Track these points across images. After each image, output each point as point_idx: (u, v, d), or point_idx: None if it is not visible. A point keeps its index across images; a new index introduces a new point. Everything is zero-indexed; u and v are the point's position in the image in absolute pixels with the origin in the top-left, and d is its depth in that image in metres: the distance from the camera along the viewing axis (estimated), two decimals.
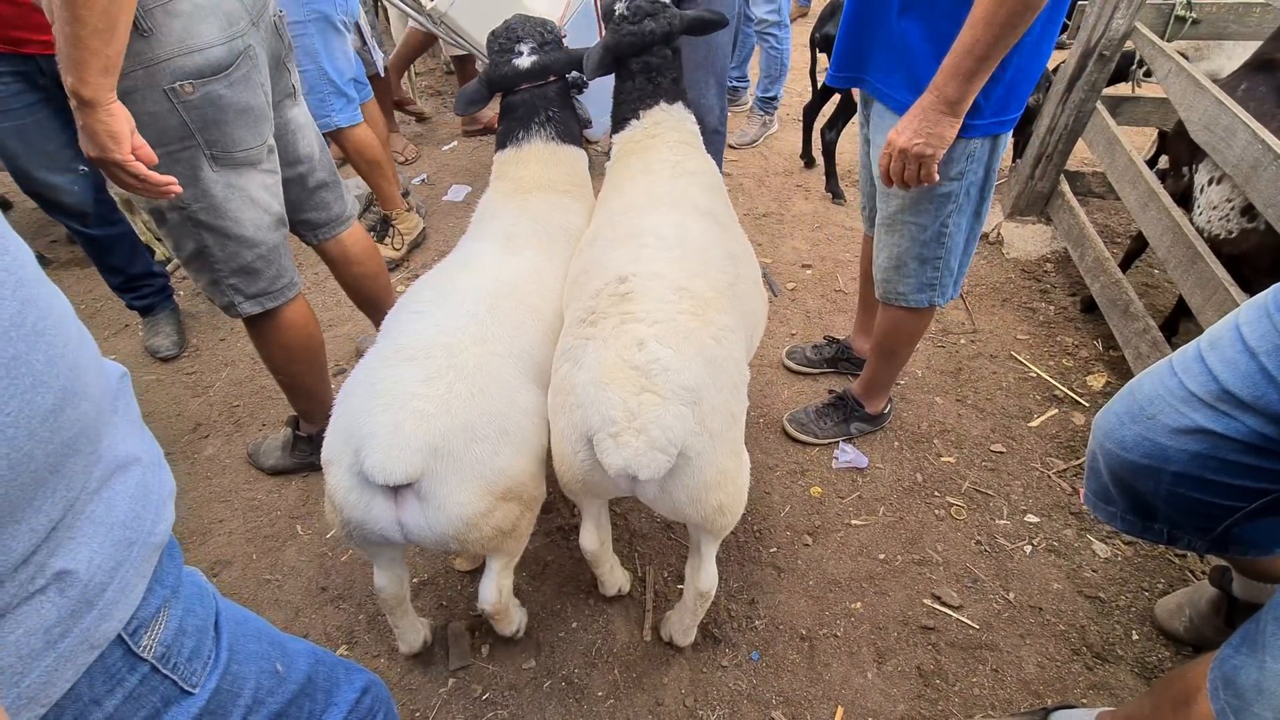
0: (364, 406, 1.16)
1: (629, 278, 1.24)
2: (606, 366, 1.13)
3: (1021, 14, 1.15)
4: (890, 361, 1.92)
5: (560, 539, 1.82)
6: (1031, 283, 2.72)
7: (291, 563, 1.81)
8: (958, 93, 1.26)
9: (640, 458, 1.08)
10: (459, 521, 1.17)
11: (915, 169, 1.38)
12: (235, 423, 2.23)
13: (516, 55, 1.62)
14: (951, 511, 1.87)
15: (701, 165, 1.62)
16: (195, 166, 1.42)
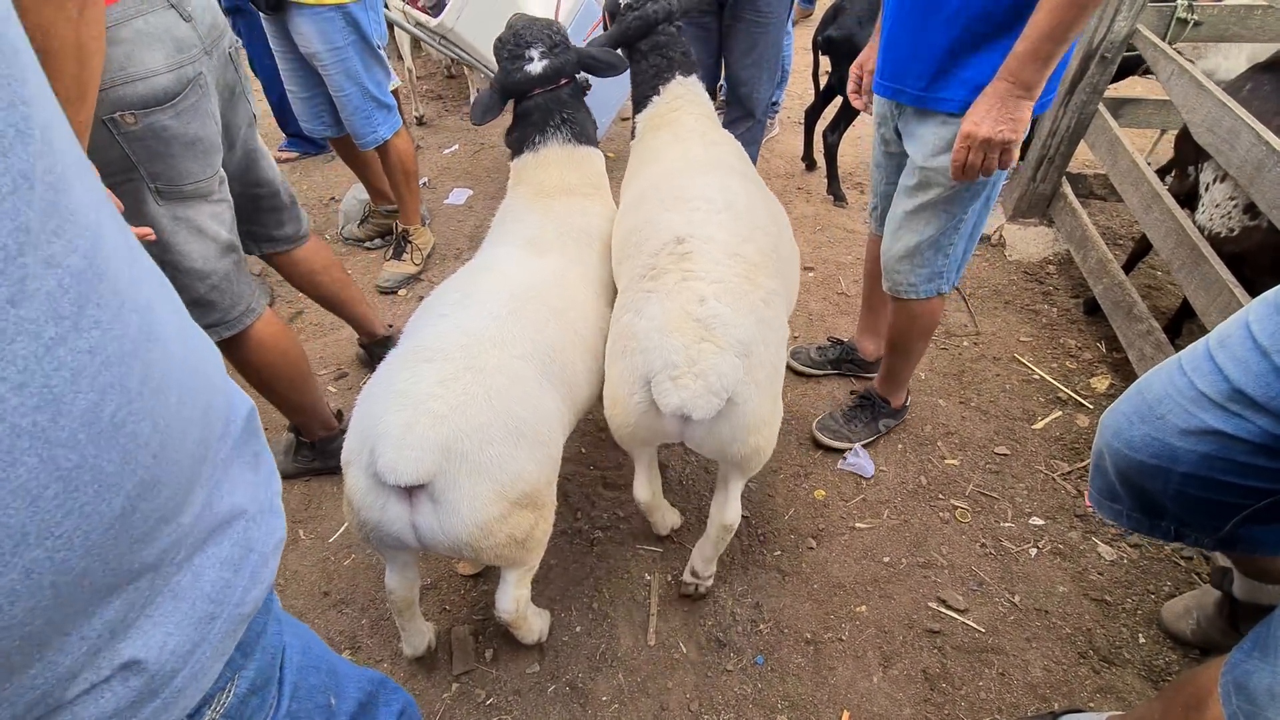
0: (380, 407, 1.16)
1: (686, 239, 1.36)
2: (670, 316, 1.25)
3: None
4: (907, 356, 1.94)
5: (565, 542, 1.82)
6: (1034, 285, 2.72)
7: (294, 567, 1.80)
8: (1035, 76, 1.27)
9: (697, 399, 1.20)
10: (473, 526, 1.16)
11: (996, 156, 1.38)
12: None
13: (528, 61, 1.62)
14: (956, 514, 1.86)
15: (723, 135, 1.74)
16: (139, 200, 1.35)
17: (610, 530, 1.85)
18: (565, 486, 1.97)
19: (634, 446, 1.47)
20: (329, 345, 2.55)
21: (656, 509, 1.66)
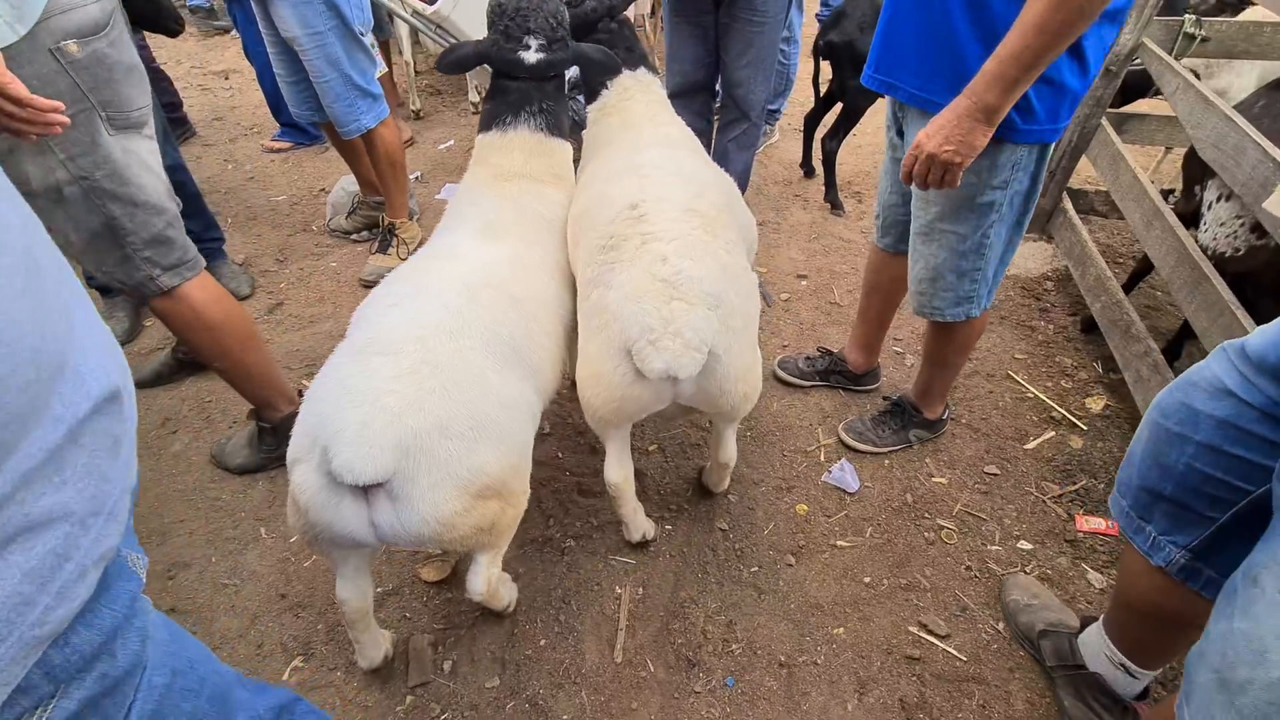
0: (332, 403, 1.11)
1: (639, 203, 1.38)
2: (637, 281, 1.27)
3: (1075, 22, 1.09)
4: (944, 370, 1.88)
5: (534, 550, 1.75)
6: (1031, 301, 2.66)
7: (252, 567, 1.73)
8: (997, 100, 1.20)
9: (679, 359, 1.23)
10: (434, 522, 1.13)
11: (939, 175, 1.32)
12: (205, 419, 2.16)
13: (524, 48, 1.55)
14: (942, 535, 1.79)
15: (672, 119, 1.78)
16: (93, 130, 1.37)
17: (582, 540, 1.78)
18: (539, 491, 1.90)
19: (617, 424, 1.45)
20: (307, 339, 2.49)
21: (628, 498, 1.60)
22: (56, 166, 1.36)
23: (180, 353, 2.27)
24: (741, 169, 2.84)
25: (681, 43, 2.61)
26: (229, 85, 4.83)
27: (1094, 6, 1.08)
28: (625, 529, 1.69)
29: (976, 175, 1.43)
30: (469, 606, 1.63)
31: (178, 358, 2.27)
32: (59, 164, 1.36)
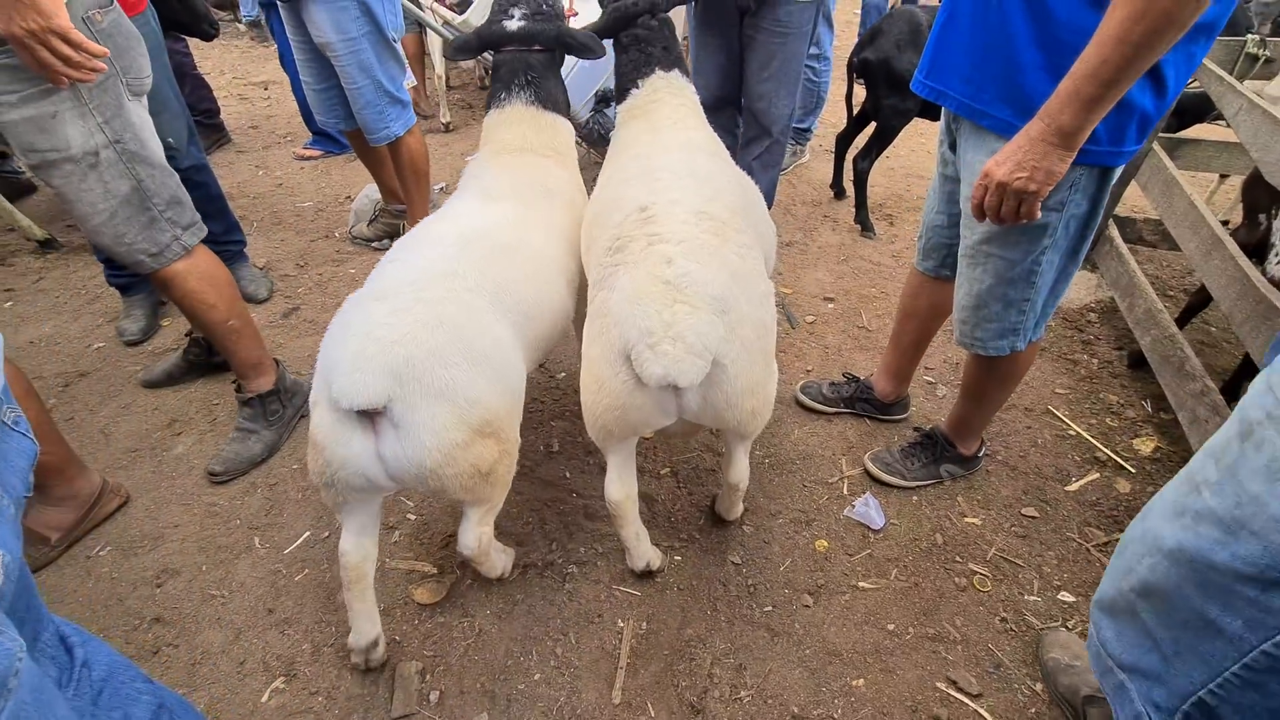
0: (333, 341, 1.21)
1: (649, 205, 1.32)
2: (639, 284, 1.21)
3: (1163, 33, 0.95)
4: (981, 404, 1.75)
5: (534, 575, 1.65)
6: (1073, 332, 2.51)
7: (242, 578, 1.66)
8: (1075, 122, 1.07)
9: (679, 364, 1.14)
10: (436, 451, 1.17)
11: (1014, 205, 1.19)
12: (211, 420, 2.12)
13: (508, 18, 1.70)
14: (974, 581, 1.65)
15: (700, 125, 1.72)
16: (119, 95, 1.49)
17: (586, 566, 1.68)
18: (543, 513, 1.81)
19: (619, 438, 1.38)
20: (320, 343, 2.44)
21: (629, 519, 1.50)
22: (95, 130, 1.46)
23: (191, 355, 2.24)
24: (766, 188, 2.76)
25: (707, 56, 2.56)
26: (267, 95, 4.93)
27: (1184, 15, 0.94)
28: (628, 555, 1.58)
29: None
30: (461, 633, 1.53)
31: (189, 359, 2.25)
32: (97, 127, 1.46)
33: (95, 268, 2.85)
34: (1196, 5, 0.94)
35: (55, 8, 1.24)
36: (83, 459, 1.78)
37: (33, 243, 2.97)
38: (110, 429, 2.09)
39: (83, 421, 2.11)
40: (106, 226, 1.55)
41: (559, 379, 2.28)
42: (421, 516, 1.81)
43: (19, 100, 1.36)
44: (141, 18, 2.04)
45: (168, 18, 2.43)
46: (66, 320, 2.57)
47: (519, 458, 1.93)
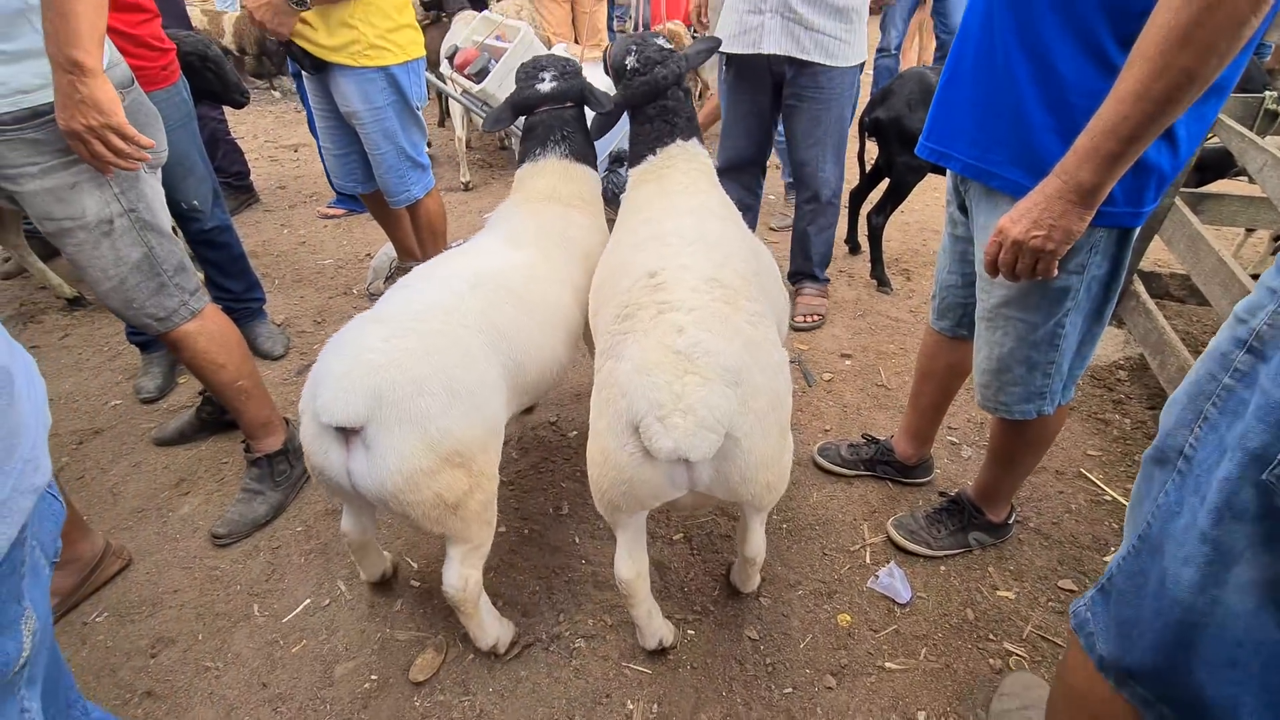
0: (325, 357, 1.27)
1: (659, 271, 1.31)
2: (648, 354, 1.17)
3: (1183, 89, 0.92)
4: (1010, 470, 1.68)
5: (540, 650, 1.57)
6: (1102, 391, 2.42)
7: (238, 649, 1.60)
8: (1093, 179, 1.03)
9: (690, 438, 1.10)
10: (398, 475, 1.20)
11: (1030, 264, 1.15)
12: (219, 480, 2.10)
13: (540, 81, 1.80)
14: (1010, 662, 1.54)
15: (712, 188, 1.70)
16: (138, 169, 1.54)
17: (594, 640, 1.60)
18: (551, 580, 1.74)
19: (627, 512, 1.32)
20: None
21: (641, 598, 1.43)
22: (111, 200, 1.52)
23: (204, 413, 2.24)
24: (823, 249, 2.81)
25: (736, 118, 2.62)
26: (296, 157, 5.13)
27: (1205, 72, 0.91)
28: (639, 634, 1.50)
29: None
30: (461, 713, 1.45)
31: (201, 418, 2.25)
32: (113, 198, 1.52)
33: (119, 325, 2.91)
34: (1218, 62, 0.91)
35: (114, 106, 1.31)
36: (88, 520, 1.76)
37: (62, 300, 3.05)
38: (119, 488, 2.07)
39: (93, 480, 2.10)
40: (116, 291, 1.58)
41: (570, 437, 2.24)
42: (425, 584, 1.75)
43: (40, 172, 1.40)
44: (174, 88, 2.13)
45: (201, 88, 2.55)
46: (87, 377, 2.61)
47: (527, 522, 1.90)
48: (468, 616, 1.43)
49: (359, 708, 1.47)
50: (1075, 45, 1.12)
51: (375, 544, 1.61)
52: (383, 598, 1.71)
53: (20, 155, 1.38)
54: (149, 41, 2.04)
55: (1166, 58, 0.91)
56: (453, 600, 1.40)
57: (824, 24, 2.30)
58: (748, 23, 2.39)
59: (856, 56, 2.40)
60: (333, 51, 2.20)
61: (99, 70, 1.28)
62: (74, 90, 1.27)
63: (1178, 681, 0.78)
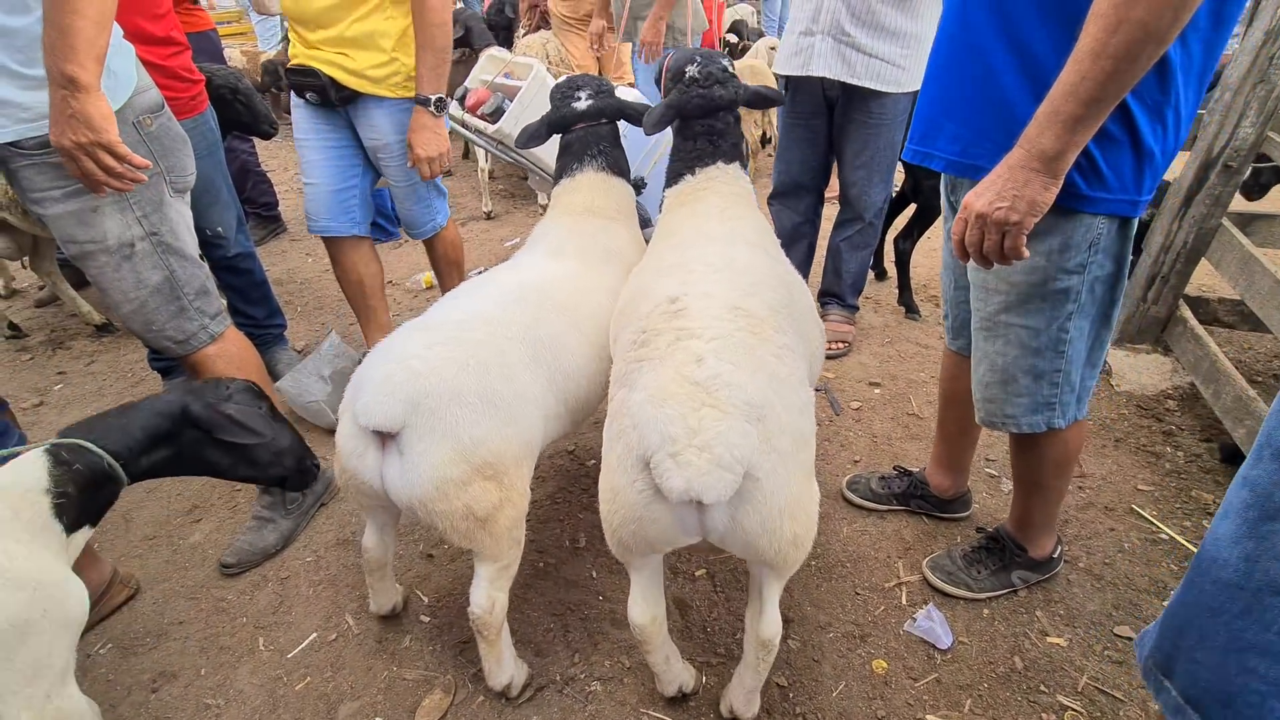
0: (369, 362, 1.29)
1: (680, 297, 1.24)
2: (663, 384, 1.09)
3: (1141, 44, 0.90)
4: (1040, 494, 1.57)
5: (553, 692, 1.48)
6: (1151, 422, 2.29)
7: (241, 685, 1.53)
8: (1055, 144, 0.99)
9: (705, 478, 1.00)
10: (429, 483, 1.20)
11: (998, 240, 1.09)
12: (232, 508, 2.06)
13: (576, 100, 1.82)
14: (1065, 717, 1.40)
15: (749, 213, 1.62)
16: (160, 192, 1.55)
17: (610, 683, 1.50)
18: (566, 618, 1.65)
19: (639, 553, 1.22)
20: None
21: (656, 645, 1.32)
22: (133, 223, 1.52)
23: None
24: (856, 269, 2.76)
25: (792, 144, 2.60)
26: None
27: (1160, 26, 0.88)
28: (658, 681, 1.40)
29: (1045, 257, 1.22)
30: None
31: None
32: (135, 221, 1.52)
33: (143, 352, 2.94)
34: (1174, 16, 0.88)
35: (105, 124, 1.28)
36: (97, 547, 1.72)
37: (91, 326, 3.09)
38: (132, 514, 2.04)
39: None
40: (137, 314, 1.58)
41: (588, 466, 2.17)
42: (435, 620, 1.67)
43: (63, 195, 1.41)
44: (202, 117, 2.17)
45: (232, 119, 2.60)
46: (109, 402, 2.62)
47: (543, 555, 1.82)
48: (489, 644, 1.37)
49: None
50: (1058, 31, 1.09)
51: (391, 571, 1.58)
52: (391, 633, 1.64)
53: (45, 179, 1.38)
54: (179, 73, 2.08)
55: (1120, 11, 0.89)
56: (477, 623, 1.35)
57: (878, 47, 2.24)
58: (800, 44, 2.36)
59: (912, 83, 2.31)
60: (373, 83, 2.09)
61: (93, 87, 1.25)
62: (65, 105, 1.24)
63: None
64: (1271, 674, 0.65)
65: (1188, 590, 0.74)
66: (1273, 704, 0.65)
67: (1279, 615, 0.65)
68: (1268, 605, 0.66)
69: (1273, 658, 0.65)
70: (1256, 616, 0.66)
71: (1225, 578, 0.69)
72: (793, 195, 2.69)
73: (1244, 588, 0.67)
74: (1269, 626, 0.65)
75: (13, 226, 2.66)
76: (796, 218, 2.72)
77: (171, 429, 1.23)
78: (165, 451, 1.23)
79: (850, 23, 2.23)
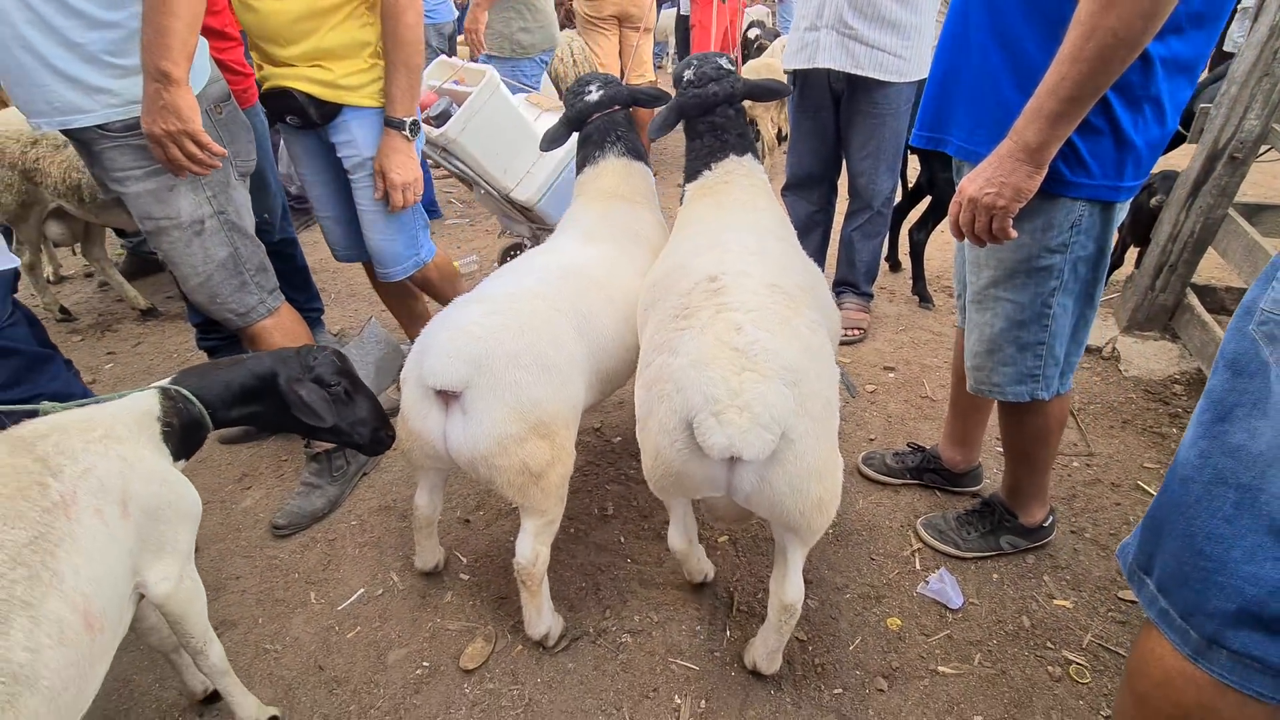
0: (431, 330, 1.41)
1: (718, 275, 1.32)
2: (705, 349, 1.17)
3: (1113, 49, 0.99)
4: (1027, 464, 1.66)
5: (587, 644, 1.59)
6: (1157, 405, 2.36)
7: (296, 633, 1.65)
8: (1038, 137, 1.10)
9: (745, 435, 1.08)
10: (491, 439, 1.30)
11: (986, 221, 1.20)
12: (279, 476, 2.19)
13: (588, 94, 1.92)
14: (1070, 671, 1.49)
15: (770, 204, 1.71)
16: (228, 175, 1.68)
17: (640, 636, 1.60)
18: (597, 578, 1.76)
19: (676, 497, 1.40)
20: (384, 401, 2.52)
21: (691, 557, 1.60)
22: (204, 203, 1.64)
23: None
24: (869, 258, 2.85)
25: (802, 136, 2.69)
26: None
27: (1130, 34, 0.97)
28: (687, 574, 1.67)
29: (1030, 236, 1.31)
30: (510, 702, 1.47)
31: None
32: (205, 200, 1.64)
33: (187, 335, 3.08)
34: (1143, 25, 0.97)
35: (192, 114, 1.42)
36: None
37: (136, 311, 3.24)
38: None
39: None
40: (203, 287, 1.70)
41: (614, 443, 2.27)
42: (474, 578, 1.78)
43: (143, 175, 1.54)
44: (253, 110, 2.29)
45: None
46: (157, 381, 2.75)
47: (574, 522, 1.93)
48: (531, 594, 1.47)
49: (411, 692, 1.50)
50: (1042, 31, 1.18)
51: (436, 531, 1.70)
52: (434, 589, 1.75)
53: (128, 159, 1.51)
54: (232, 66, 2.21)
55: (1095, 20, 0.98)
56: (521, 573, 1.45)
57: (880, 39, 2.34)
58: (805, 39, 2.46)
59: (915, 72, 2.42)
60: (350, 92, 1.82)
61: (183, 81, 1.39)
62: (158, 97, 1.38)
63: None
64: (1215, 553, 0.76)
65: (1161, 494, 0.85)
66: (1217, 578, 0.76)
67: (1224, 503, 0.75)
68: (1215, 495, 0.76)
69: (1216, 539, 0.76)
70: (1205, 505, 0.77)
71: (1185, 474, 0.80)
72: (806, 186, 2.78)
73: (1197, 480, 0.78)
74: (1215, 513, 0.76)
75: (69, 214, 2.81)
76: (811, 207, 2.81)
77: (261, 389, 1.36)
78: (253, 408, 1.37)
79: (853, 16, 2.33)
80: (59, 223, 2.85)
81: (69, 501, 0.98)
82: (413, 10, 1.74)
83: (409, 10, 1.73)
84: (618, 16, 4.36)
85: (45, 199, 2.72)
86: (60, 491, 0.98)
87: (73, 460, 1.03)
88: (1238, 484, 0.75)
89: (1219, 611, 0.77)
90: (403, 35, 1.75)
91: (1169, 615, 0.83)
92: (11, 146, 2.60)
